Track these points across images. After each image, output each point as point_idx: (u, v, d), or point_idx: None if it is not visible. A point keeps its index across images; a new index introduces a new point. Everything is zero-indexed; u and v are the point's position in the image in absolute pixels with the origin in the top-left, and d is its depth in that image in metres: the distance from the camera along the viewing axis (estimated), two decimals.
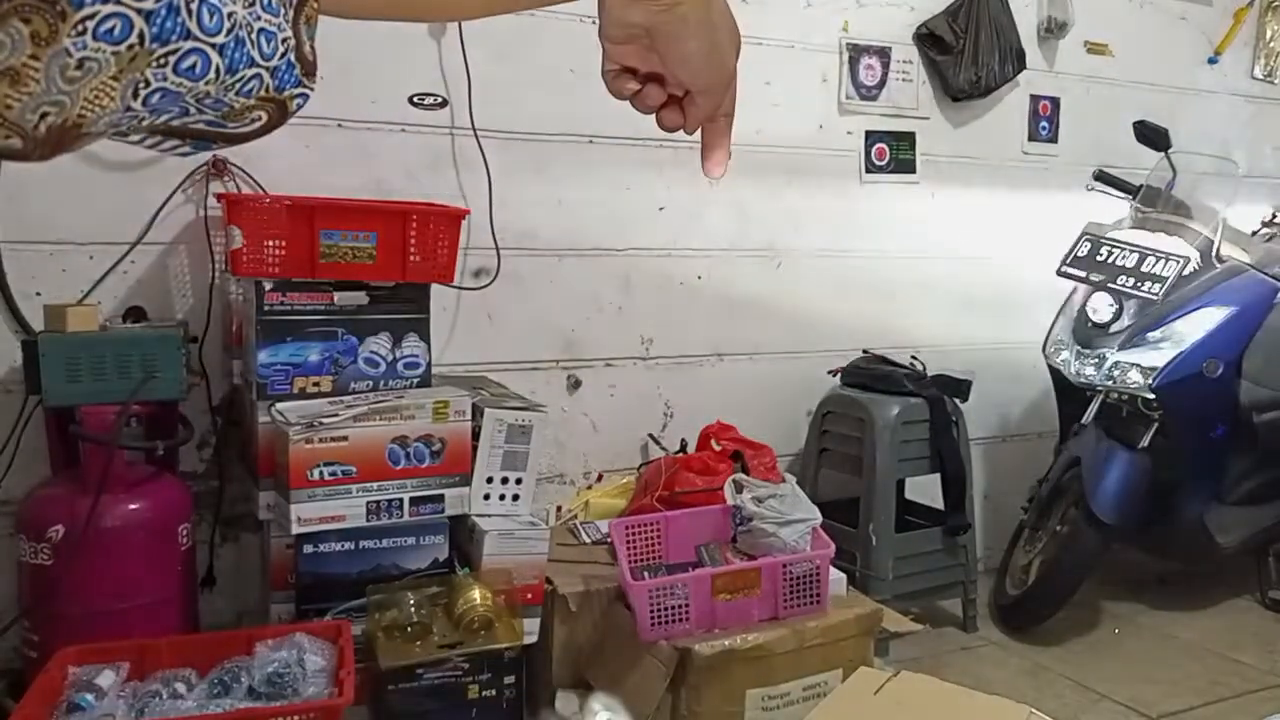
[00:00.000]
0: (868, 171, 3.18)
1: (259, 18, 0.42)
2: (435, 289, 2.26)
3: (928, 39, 3.19)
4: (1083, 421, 2.92)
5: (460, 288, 2.52)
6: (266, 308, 2.09)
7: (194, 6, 0.39)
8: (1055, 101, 3.50)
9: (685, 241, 2.91)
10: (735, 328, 3.01)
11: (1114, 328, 2.89)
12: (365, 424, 2.04)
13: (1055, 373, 3.05)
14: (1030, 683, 2.66)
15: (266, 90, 0.43)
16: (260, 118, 0.44)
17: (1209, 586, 3.30)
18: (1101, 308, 2.91)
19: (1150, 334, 2.85)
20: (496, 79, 2.59)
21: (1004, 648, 2.91)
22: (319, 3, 0.45)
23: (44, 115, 0.37)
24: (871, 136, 3.18)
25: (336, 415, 2.02)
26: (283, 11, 0.43)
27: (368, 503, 2.05)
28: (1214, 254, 2.95)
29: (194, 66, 0.40)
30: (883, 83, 3.17)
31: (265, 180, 2.32)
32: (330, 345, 2.14)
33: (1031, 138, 3.48)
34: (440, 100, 2.56)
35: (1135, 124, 3.12)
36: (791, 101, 3.02)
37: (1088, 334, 2.93)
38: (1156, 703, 2.57)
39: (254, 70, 0.42)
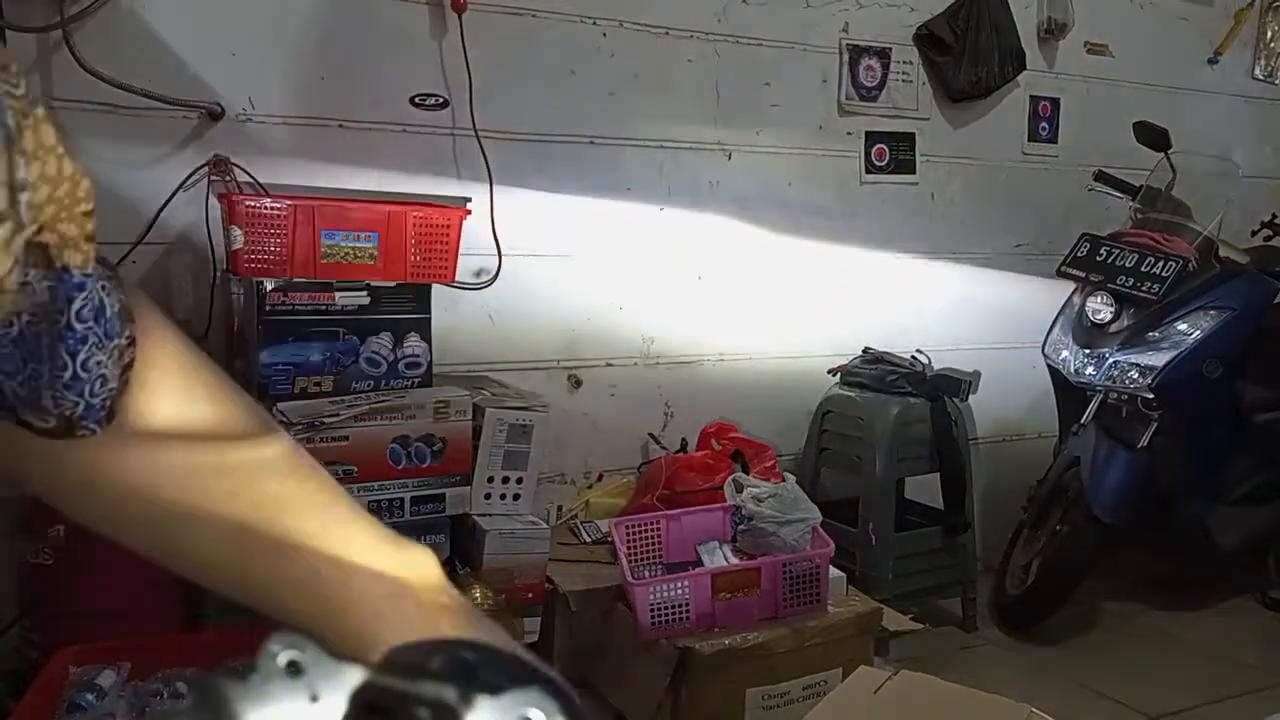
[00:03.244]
0: (867, 172, 3.18)
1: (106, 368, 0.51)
2: (436, 289, 2.27)
3: (927, 40, 3.19)
4: (1082, 421, 2.91)
5: (461, 287, 2.52)
6: (268, 308, 2.09)
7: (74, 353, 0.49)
8: (1055, 102, 3.50)
9: (685, 241, 2.91)
10: (735, 327, 3.01)
11: (1114, 328, 2.89)
12: (366, 424, 2.04)
13: (1055, 373, 3.05)
14: (1030, 683, 2.66)
15: (71, 414, 0.50)
16: (49, 424, 0.50)
17: (1209, 586, 3.30)
18: (1101, 308, 2.91)
19: (1150, 334, 2.85)
20: (497, 80, 2.59)
21: (1004, 647, 2.91)
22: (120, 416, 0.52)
23: None
24: (871, 137, 3.17)
25: (338, 415, 2.02)
26: (118, 373, 0.51)
27: (369, 502, 2.05)
28: (1213, 254, 2.95)
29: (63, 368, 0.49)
30: (882, 83, 3.17)
31: (267, 180, 2.33)
32: (331, 345, 2.15)
33: (1031, 138, 3.48)
34: (441, 101, 2.56)
35: (1135, 124, 3.11)
36: (791, 102, 3.02)
37: (1087, 334, 2.93)
38: (1156, 703, 2.57)
39: (79, 399, 0.50)
